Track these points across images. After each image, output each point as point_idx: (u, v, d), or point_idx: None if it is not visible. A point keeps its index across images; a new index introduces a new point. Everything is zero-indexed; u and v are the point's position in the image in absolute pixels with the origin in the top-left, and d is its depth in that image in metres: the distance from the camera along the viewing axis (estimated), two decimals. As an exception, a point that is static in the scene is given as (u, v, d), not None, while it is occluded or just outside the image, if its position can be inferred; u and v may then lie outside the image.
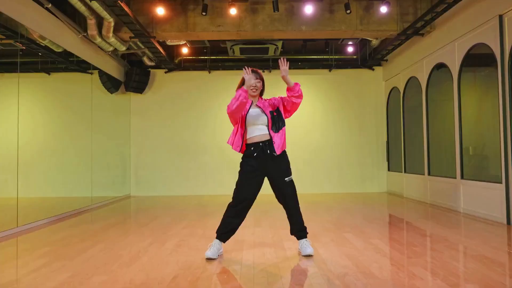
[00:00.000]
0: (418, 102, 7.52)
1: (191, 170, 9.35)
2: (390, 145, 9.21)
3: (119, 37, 6.87)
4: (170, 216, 6.07)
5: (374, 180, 9.38)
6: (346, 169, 9.36)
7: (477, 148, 6.16)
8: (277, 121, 3.52)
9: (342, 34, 7.00)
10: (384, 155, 9.35)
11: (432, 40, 6.88)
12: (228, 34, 6.89)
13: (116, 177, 9.03)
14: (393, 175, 8.94)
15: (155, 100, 9.41)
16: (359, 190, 9.32)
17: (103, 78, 8.28)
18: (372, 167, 9.39)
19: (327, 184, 9.32)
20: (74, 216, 6.24)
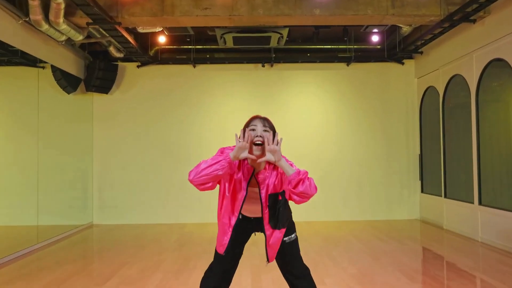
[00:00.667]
0: (465, 107, 6.91)
1: (172, 190, 8.66)
2: (424, 160, 8.60)
3: (73, 23, 6.14)
4: (139, 264, 5.36)
5: (403, 204, 8.78)
6: (367, 190, 8.76)
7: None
8: (279, 211, 2.67)
9: (368, 19, 6.32)
10: (416, 173, 8.75)
11: (485, 28, 6.22)
12: (218, 19, 6.17)
13: (74, 201, 8.37)
14: (428, 198, 8.31)
15: (125, 102, 8.76)
16: (384, 217, 8.69)
17: (56, 74, 7.65)
18: (401, 188, 8.79)
19: (343, 209, 8.67)
20: (15, 260, 5.50)
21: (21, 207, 6.98)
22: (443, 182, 7.67)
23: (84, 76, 8.23)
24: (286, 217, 2.71)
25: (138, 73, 8.76)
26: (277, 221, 2.66)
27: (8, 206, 6.96)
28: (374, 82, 8.88)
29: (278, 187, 2.66)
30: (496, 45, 5.98)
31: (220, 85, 8.75)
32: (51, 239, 6.78)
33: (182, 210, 8.61)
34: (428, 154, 8.48)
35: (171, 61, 8.68)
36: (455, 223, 7.23)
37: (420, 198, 8.65)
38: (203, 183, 2.57)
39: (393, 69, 8.85)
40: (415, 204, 8.73)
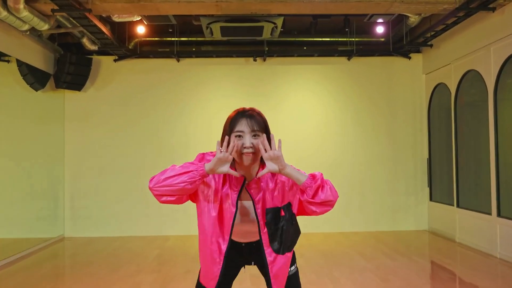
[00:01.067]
0: (481, 106, 6.62)
1: (154, 199, 8.13)
2: (433, 165, 8.33)
3: (36, 9, 5.71)
4: (114, 286, 4.91)
5: (410, 213, 8.52)
6: (370, 197, 8.49)
7: None
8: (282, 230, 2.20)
9: (374, 7, 5.98)
10: (424, 179, 8.48)
11: (506, 17, 5.91)
12: (203, 6, 5.75)
13: (42, 211, 7.99)
14: (438, 207, 8.03)
15: (100, 100, 8.40)
16: (389, 228, 8.42)
17: (22, 69, 7.34)
18: (407, 195, 8.53)
19: (344, 219, 8.36)
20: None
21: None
22: (455, 190, 7.37)
23: (53, 71, 7.83)
24: (292, 238, 2.21)
25: (115, 67, 8.38)
26: (280, 243, 2.17)
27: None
28: (378, 78, 8.62)
29: (278, 199, 2.17)
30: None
31: (207, 81, 8.43)
32: (13, 257, 6.31)
33: (165, 221, 8.24)
34: (437, 158, 8.19)
35: (152, 54, 8.35)
36: (469, 236, 6.90)
37: (429, 207, 8.36)
38: (164, 194, 2.13)
39: (398, 64, 8.60)
40: (423, 213, 8.45)
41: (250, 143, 2.06)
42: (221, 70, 8.46)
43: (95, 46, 7.78)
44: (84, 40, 7.64)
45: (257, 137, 2.08)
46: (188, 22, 7.66)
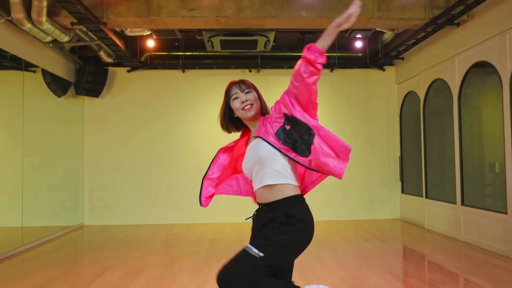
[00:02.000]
0: (446, 111, 6.36)
1: (161, 193, 7.99)
2: (404, 162, 8.09)
3: (57, 22, 5.47)
4: (124, 266, 4.69)
5: (385, 204, 8.23)
6: (350, 190, 8.19)
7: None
8: (297, 139, 1.98)
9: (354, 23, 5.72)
10: (396, 174, 8.20)
11: (468, 32, 5.68)
12: (205, 21, 5.54)
13: (64, 202, 7.66)
14: (408, 199, 7.77)
15: (115, 106, 8.07)
16: (367, 217, 8.14)
17: (46, 78, 7.00)
18: (382, 189, 8.24)
19: (327, 209, 8.07)
20: None
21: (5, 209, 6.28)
22: (424, 183, 7.14)
23: (74, 80, 7.54)
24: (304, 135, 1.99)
25: (128, 77, 8.08)
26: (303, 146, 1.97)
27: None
28: (356, 88, 8.34)
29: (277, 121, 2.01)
30: (479, 48, 5.45)
31: (208, 89, 8.09)
32: (38, 241, 6.06)
33: (171, 211, 7.95)
34: (408, 156, 7.96)
35: (161, 66, 8.04)
36: (436, 223, 6.69)
37: (401, 199, 8.11)
38: None
39: (374, 75, 8.32)
40: (396, 204, 8.19)
41: (246, 98, 2.06)
42: (221, 80, 8.09)
43: (111, 58, 7.54)
44: (101, 53, 7.41)
45: (249, 93, 2.08)
46: (192, 38, 7.42)
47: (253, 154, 2.04)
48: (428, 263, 4.90)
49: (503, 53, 4.96)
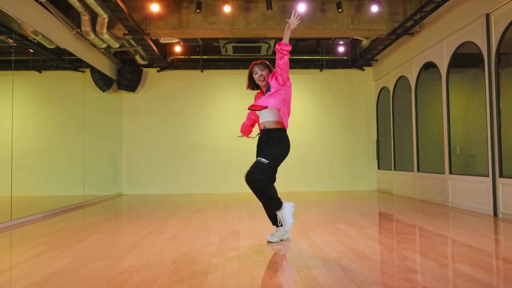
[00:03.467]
0: (408, 101, 7.69)
1: (183, 169, 9.37)
2: (380, 144, 9.36)
3: (112, 33, 6.91)
4: (164, 210, 6.12)
5: (365, 178, 9.50)
6: (337, 168, 9.47)
7: (465, 146, 6.33)
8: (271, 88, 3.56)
9: (334, 33, 7.14)
10: (374, 154, 9.50)
11: (421, 39, 7.06)
12: (222, 31, 6.98)
13: (107, 176, 9.01)
14: (383, 173, 9.09)
15: (147, 99, 9.42)
16: (350, 188, 9.44)
17: (95, 76, 8.29)
18: (363, 166, 9.51)
19: (318, 182, 9.42)
20: (67, 212, 6.24)
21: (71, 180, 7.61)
22: (393, 159, 8.48)
23: (116, 78, 8.96)
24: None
25: (158, 76, 9.45)
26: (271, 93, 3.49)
27: (57, 181, 7.62)
28: (341, 84, 9.57)
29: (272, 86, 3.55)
30: (429, 51, 6.83)
31: (222, 85, 9.42)
32: (87, 202, 7.39)
33: (192, 183, 9.31)
34: (382, 139, 9.22)
35: (184, 67, 9.32)
36: (400, 188, 8.04)
37: (377, 173, 9.43)
38: None
39: (355, 74, 9.58)
40: (373, 177, 9.47)
41: (261, 73, 3.58)
42: (232, 78, 9.42)
43: (144, 61, 8.94)
44: (136, 57, 8.84)
45: (264, 70, 3.59)
46: (210, 45, 8.83)
47: None
48: (384, 208, 6.28)
49: (442, 55, 6.37)
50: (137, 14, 6.78)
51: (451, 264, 2.85)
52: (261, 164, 3.48)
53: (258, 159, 3.52)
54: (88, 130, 7.78)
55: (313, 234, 4.03)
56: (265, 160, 3.48)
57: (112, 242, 3.76)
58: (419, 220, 4.99)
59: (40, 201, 7.14)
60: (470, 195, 5.67)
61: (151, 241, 3.79)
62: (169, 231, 4.30)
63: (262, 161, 3.48)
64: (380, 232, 4.16)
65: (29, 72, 7.43)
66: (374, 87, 9.57)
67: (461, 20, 5.83)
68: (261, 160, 3.49)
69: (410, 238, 3.81)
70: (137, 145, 9.37)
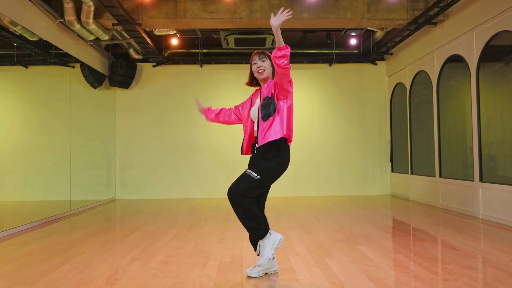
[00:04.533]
0: (428, 99, 7.01)
1: (182, 171, 8.72)
2: (394, 145, 8.69)
3: (100, 24, 6.21)
4: (157, 223, 5.44)
5: (377, 181, 8.85)
6: (346, 170, 8.82)
7: (497, 148, 5.61)
8: (266, 106, 2.83)
9: (347, 23, 6.43)
10: (387, 155, 8.83)
11: (444, 30, 6.34)
12: (222, 21, 6.27)
13: (99, 179, 8.37)
14: (397, 176, 8.41)
15: (142, 96, 8.77)
16: (360, 193, 8.78)
17: (85, 71, 7.66)
18: (374, 168, 8.86)
19: (325, 185, 8.76)
20: (50, 223, 5.56)
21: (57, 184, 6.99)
22: (410, 162, 7.79)
23: (108, 73, 8.28)
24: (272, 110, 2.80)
25: (153, 71, 8.80)
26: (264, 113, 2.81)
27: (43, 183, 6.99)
28: (352, 80, 8.94)
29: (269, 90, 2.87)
30: (454, 43, 6.11)
31: (222, 81, 8.79)
32: (79, 209, 6.79)
33: (191, 187, 8.68)
34: (397, 139, 8.58)
35: (182, 61, 8.71)
36: (419, 194, 7.36)
37: (391, 176, 8.76)
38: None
39: (367, 69, 8.93)
40: (387, 181, 8.83)
41: (260, 64, 2.87)
42: (233, 73, 8.79)
43: (139, 55, 8.27)
44: (130, 51, 8.15)
45: (264, 61, 2.88)
46: (209, 37, 8.12)
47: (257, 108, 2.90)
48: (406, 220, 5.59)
49: (471, 48, 5.64)
50: (127, 2, 6.07)
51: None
52: (250, 178, 2.77)
53: (248, 172, 2.80)
54: (76, 129, 7.14)
55: (332, 262, 3.32)
56: (256, 175, 2.77)
57: (88, 274, 3.06)
58: (453, 237, 4.26)
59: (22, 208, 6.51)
60: (503, 206, 4.95)
61: (135, 273, 3.09)
62: (159, 255, 3.60)
63: (253, 175, 2.77)
64: (412, 258, 3.45)
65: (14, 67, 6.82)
66: (388, 83, 8.88)
67: (495, 7, 5.09)
68: (251, 173, 2.78)
69: (454, 269, 3.09)
70: (132, 145, 8.74)
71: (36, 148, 6.89)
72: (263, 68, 2.89)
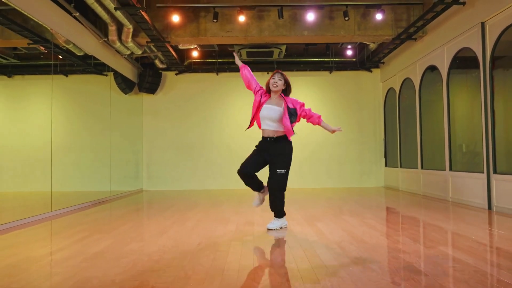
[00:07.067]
0: (412, 102, 8.10)
1: (200, 166, 9.92)
2: (387, 143, 9.76)
3: (136, 42, 7.48)
4: (184, 204, 6.67)
5: (372, 175, 9.91)
6: (345, 165, 9.90)
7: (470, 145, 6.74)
8: (291, 116, 4.11)
9: (341, 38, 7.60)
10: (381, 152, 9.90)
11: (424, 44, 7.47)
12: (236, 38, 7.50)
13: (129, 172, 9.60)
14: (390, 170, 9.49)
15: (166, 100, 9.98)
16: (358, 185, 9.86)
17: (118, 79, 8.86)
18: (370, 163, 9.93)
19: (327, 179, 9.87)
20: (96, 205, 6.85)
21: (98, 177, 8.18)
22: (399, 157, 8.89)
23: (137, 81, 9.54)
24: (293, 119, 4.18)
25: (176, 79, 9.99)
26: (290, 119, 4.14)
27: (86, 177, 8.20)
28: (350, 86, 9.99)
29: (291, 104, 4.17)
30: (431, 55, 7.23)
31: (236, 87, 9.86)
32: (112, 197, 7.88)
33: (208, 179, 9.86)
34: (390, 138, 9.61)
35: (200, 70, 9.84)
36: (406, 185, 8.47)
37: (385, 170, 9.84)
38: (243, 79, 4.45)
39: (364, 75, 9.98)
40: (381, 174, 9.87)
41: (276, 80, 4.07)
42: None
43: (164, 65, 9.51)
44: (156, 61, 9.41)
45: (280, 80, 4.07)
46: (225, 49, 9.36)
47: (268, 110, 4.07)
48: (388, 202, 6.73)
49: (442, 59, 6.79)
50: (158, 24, 7.34)
51: (436, 246, 3.33)
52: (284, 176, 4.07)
53: (278, 171, 4.05)
54: (113, 129, 8.35)
55: (319, 224, 4.53)
56: (284, 171, 4.05)
57: (144, 229, 4.32)
58: (418, 213, 5.45)
59: (72, 196, 7.76)
60: (467, 190, 6.10)
61: (177, 228, 4.35)
62: (191, 221, 4.85)
63: (283, 172, 4.05)
64: (379, 222, 4.65)
65: (55, 76, 8.05)
66: (382, 88, 9.97)
67: (460, 27, 6.25)
68: (281, 172, 4.05)
69: (406, 227, 4.29)
70: (157, 143, 9.94)
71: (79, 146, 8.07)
72: (277, 84, 4.08)
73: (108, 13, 6.38)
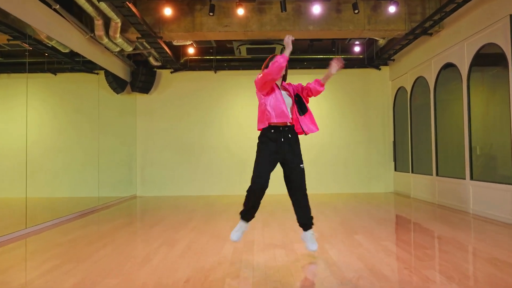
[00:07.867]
0: (426, 102, 7.49)
1: (198, 170, 9.35)
2: (396, 145, 9.17)
3: (126, 37, 6.87)
4: (177, 217, 6.08)
5: (381, 180, 9.34)
6: (352, 169, 9.33)
7: (486, 148, 6.12)
8: (300, 105, 3.57)
9: (350, 33, 6.97)
10: (390, 155, 9.31)
11: (440, 39, 6.84)
12: (235, 34, 6.88)
13: (122, 176, 9.04)
14: (400, 175, 8.90)
15: (161, 100, 9.41)
16: (365, 191, 9.28)
17: (109, 78, 8.30)
18: (379, 167, 9.35)
19: (332, 184, 9.29)
20: (82, 217, 6.26)
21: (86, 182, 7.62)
22: (411, 161, 8.29)
23: (129, 80, 8.94)
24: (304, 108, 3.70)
25: (171, 77, 9.43)
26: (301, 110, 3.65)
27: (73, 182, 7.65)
28: (357, 84, 9.42)
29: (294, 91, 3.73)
30: (449, 52, 6.62)
31: (235, 86, 9.35)
32: (101, 206, 7.34)
33: (206, 184, 9.29)
34: (399, 140, 9.04)
35: (197, 68, 9.28)
36: (418, 192, 7.86)
37: (394, 175, 9.25)
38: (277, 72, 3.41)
39: (372, 73, 9.41)
40: (390, 179, 9.30)
41: None
42: (245, 79, 9.30)
43: (158, 62, 8.91)
44: (150, 59, 8.80)
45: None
46: (223, 46, 8.74)
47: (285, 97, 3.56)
48: (401, 214, 6.13)
49: (462, 56, 6.15)
50: (150, 18, 6.72)
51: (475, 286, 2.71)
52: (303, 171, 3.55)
53: (302, 166, 3.51)
54: (103, 131, 7.79)
55: (329, 246, 3.92)
56: (302, 165, 3.54)
57: (126, 255, 3.72)
58: (438, 229, 4.82)
59: (55, 204, 7.18)
60: (492, 202, 5.48)
61: (164, 253, 3.74)
62: (181, 243, 4.24)
63: (302, 167, 3.54)
64: (399, 245, 4.03)
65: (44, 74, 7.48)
66: (391, 87, 9.36)
67: (483, 21, 5.61)
68: (303, 166, 3.54)
69: (430, 253, 3.67)
70: (151, 145, 9.39)
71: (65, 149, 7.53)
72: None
73: (92, 5, 5.76)
